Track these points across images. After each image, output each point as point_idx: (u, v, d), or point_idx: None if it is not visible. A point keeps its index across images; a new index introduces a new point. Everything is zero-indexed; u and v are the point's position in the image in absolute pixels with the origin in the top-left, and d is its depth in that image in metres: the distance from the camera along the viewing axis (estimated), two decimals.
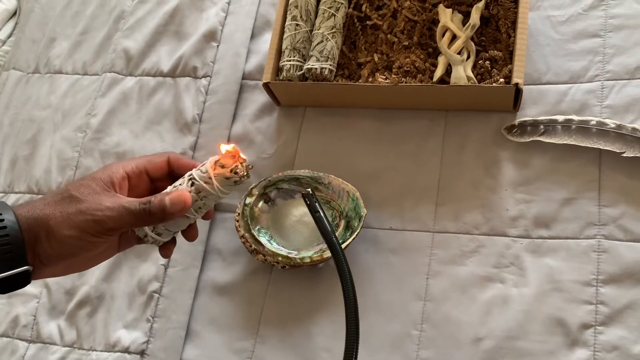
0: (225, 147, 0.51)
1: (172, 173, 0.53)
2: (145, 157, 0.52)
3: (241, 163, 0.51)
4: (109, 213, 0.46)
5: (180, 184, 0.51)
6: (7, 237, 0.44)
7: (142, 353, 0.68)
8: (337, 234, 0.68)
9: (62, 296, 0.74)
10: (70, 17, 0.93)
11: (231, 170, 0.50)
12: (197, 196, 0.50)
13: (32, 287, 0.75)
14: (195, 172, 0.51)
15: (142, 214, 0.47)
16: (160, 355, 0.67)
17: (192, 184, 0.50)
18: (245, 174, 0.51)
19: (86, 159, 0.81)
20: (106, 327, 0.70)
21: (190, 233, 0.54)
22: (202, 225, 0.72)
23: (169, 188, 0.51)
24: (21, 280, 0.45)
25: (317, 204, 0.63)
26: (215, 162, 0.50)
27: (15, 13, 1.00)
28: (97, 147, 0.81)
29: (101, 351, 0.69)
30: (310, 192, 0.64)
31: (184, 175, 0.52)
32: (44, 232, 0.45)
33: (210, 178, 0.50)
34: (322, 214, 0.63)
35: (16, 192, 0.83)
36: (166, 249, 0.54)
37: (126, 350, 0.68)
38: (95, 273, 0.73)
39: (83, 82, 0.87)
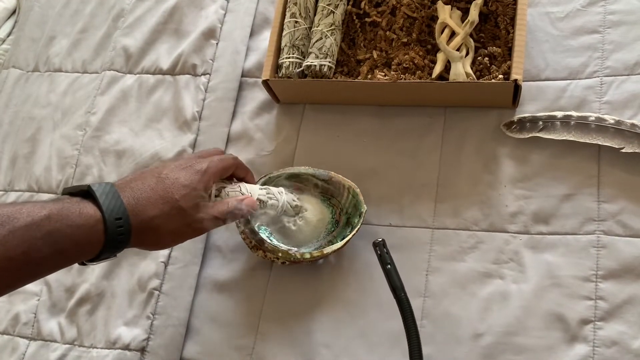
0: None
1: (234, 174, 0.63)
2: (223, 167, 0.60)
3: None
4: (206, 225, 0.57)
5: (260, 189, 0.64)
6: (120, 241, 0.52)
7: (142, 350, 0.68)
8: (337, 230, 0.68)
9: (62, 294, 0.74)
10: (69, 15, 0.93)
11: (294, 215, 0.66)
12: (265, 203, 0.63)
13: (32, 285, 0.75)
14: (273, 189, 0.65)
15: (230, 219, 0.59)
16: (160, 352, 0.67)
17: (267, 193, 0.64)
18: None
19: (86, 157, 0.81)
20: (106, 325, 0.71)
21: None
22: None
23: (244, 189, 0.62)
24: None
25: (388, 255, 0.57)
26: (290, 200, 0.66)
27: (14, 11, 1.00)
28: (97, 145, 0.81)
29: (102, 348, 0.70)
30: (382, 240, 0.58)
31: (239, 176, 0.64)
32: (151, 235, 0.54)
33: (282, 204, 0.65)
34: (393, 267, 0.57)
35: (16, 191, 0.83)
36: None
37: (127, 348, 0.69)
38: (95, 271, 0.74)
39: (83, 80, 0.87)
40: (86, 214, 0.50)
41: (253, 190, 0.63)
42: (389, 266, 0.57)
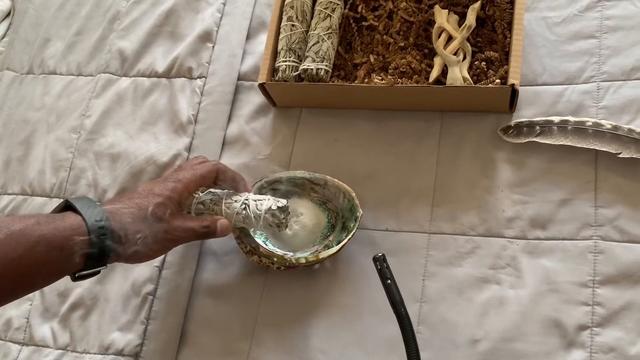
0: (283, 202, 0.64)
1: (217, 181, 0.63)
2: (201, 175, 0.62)
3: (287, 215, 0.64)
4: (183, 234, 0.59)
5: (235, 202, 0.63)
6: (105, 243, 0.53)
7: (136, 355, 0.67)
8: (333, 235, 0.68)
9: (55, 298, 0.73)
10: (64, 17, 0.93)
11: (278, 225, 0.63)
12: (241, 218, 0.63)
13: None
14: (251, 202, 0.63)
15: (203, 235, 0.61)
16: (154, 357, 0.67)
17: (244, 208, 0.62)
18: (286, 226, 0.65)
19: (80, 160, 0.80)
20: (100, 330, 0.70)
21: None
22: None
23: (223, 204, 0.63)
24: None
25: (388, 270, 0.58)
26: (270, 209, 0.63)
27: (9, 13, 0.99)
28: (92, 148, 0.81)
29: (95, 354, 0.69)
30: (382, 255, 0.58)
31: (225, 182, 0.64)
32: (129, 243, 0.54)
33: (259, 217, 0.62)
34: (392, 282, 0.57)
35: (9, 194, 0.82)
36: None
37: (120, 353, 0.68)
38: None
39: (77, 82, 0.87)
40: (69, 219, 0.52)
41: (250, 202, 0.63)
42: (388, 281, 0.57)
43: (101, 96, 0.84)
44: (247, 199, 0.63)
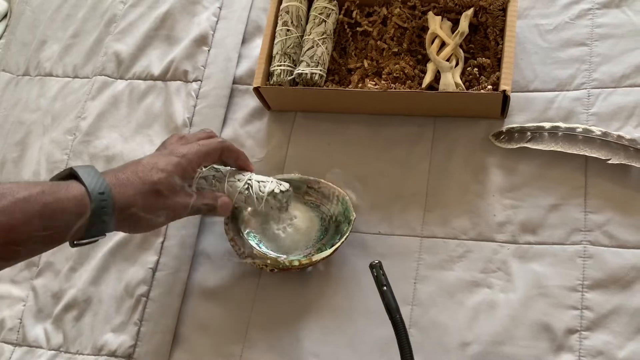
0: (286, 186, 0.65)
1: (221, 157, 0.64)
2: (205, 152, 0.62)
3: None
4: (183, 210, 0.59)
5: (238, 180, 0.63)
6: (105, 215, 0.54)
7: (129, 357, 0.68)
8: (326, 238, 0.68)
9: (48, 299, 0.73)
10: (61, 20, 0.93)
11: (279, 208, 0.64)
12: (243, 197, 0.63)
13: (19, 290, 0.75)
14: (254, 183, 0.63)
15: (203, 212, 0.62)
16: (147, 359, 0.67)
17: (247, 188, 0.63)
18: (287, 209, 0.66)
19: (75, 162, 0.81)
20: (93, 331, 0.70)
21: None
22: (190, 229, 0.72)
23: (226, 181, 0.63)
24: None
25: (384, 276, 0.58)
26: (273, 192, 0.63)
27: (5, 15, 1.00)
28: (87, 150, 0.81)
29: (88, 355, 0.69)
30: (379, 262, 0.59)
31: (229, 159, 0.64)
32: (133, 213, 0.56)
33: (261, 198, 0.63)
34: (388, 288, 0.58)
35: None
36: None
37: (113, 354, 0.68)
38: (82, 276, 0.73)
39: (73, 85, 0.87)
40: (72, 189, 0.53)
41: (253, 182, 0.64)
42: (384, 288, 0.58)
43: (97, 98, 0.84)
44: (250, 179, 0.64)
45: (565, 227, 0.63)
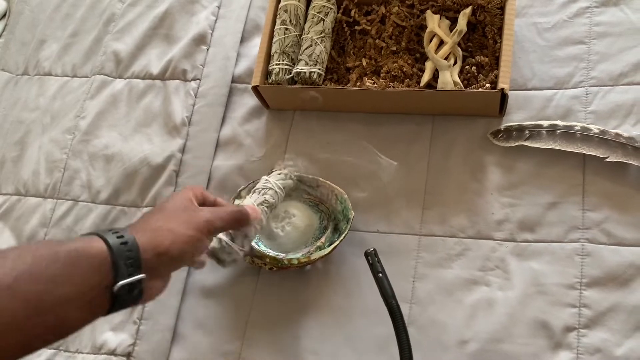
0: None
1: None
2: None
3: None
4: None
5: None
6: (129, 251, 0.44)
7: (128, 355, 0.68)
8: (325, 236, 0.68)
9: None
10: (60, 19, 0.93)
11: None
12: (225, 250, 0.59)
13: None
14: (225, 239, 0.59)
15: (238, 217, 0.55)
16: (146, 357, 0.67)
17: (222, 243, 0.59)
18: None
19: (74, 161, 0.81)
20: (92, 330, 0.70)
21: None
22: None
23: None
24: (135, 295, 0.46)
25: (379, 264, 0.58)
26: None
27: (5, 15, 1.00)
28: (86, 149, 0.81)
29: (87, 353, 0.69)
30: (373, 250, 0.59)
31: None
32: (159, 248, 0.47)
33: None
34: (384, 275, 0.58)
35: (3, 194, 0.83)
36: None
37: (112, 353, 0.68)
38: None
39: (72, 84, 0.87)
40: (91, 242, 0.44)
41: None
42: (380, 274, 0.58)
43: (96, 97, 0.84)
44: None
45: (563, 225, 0.64)
